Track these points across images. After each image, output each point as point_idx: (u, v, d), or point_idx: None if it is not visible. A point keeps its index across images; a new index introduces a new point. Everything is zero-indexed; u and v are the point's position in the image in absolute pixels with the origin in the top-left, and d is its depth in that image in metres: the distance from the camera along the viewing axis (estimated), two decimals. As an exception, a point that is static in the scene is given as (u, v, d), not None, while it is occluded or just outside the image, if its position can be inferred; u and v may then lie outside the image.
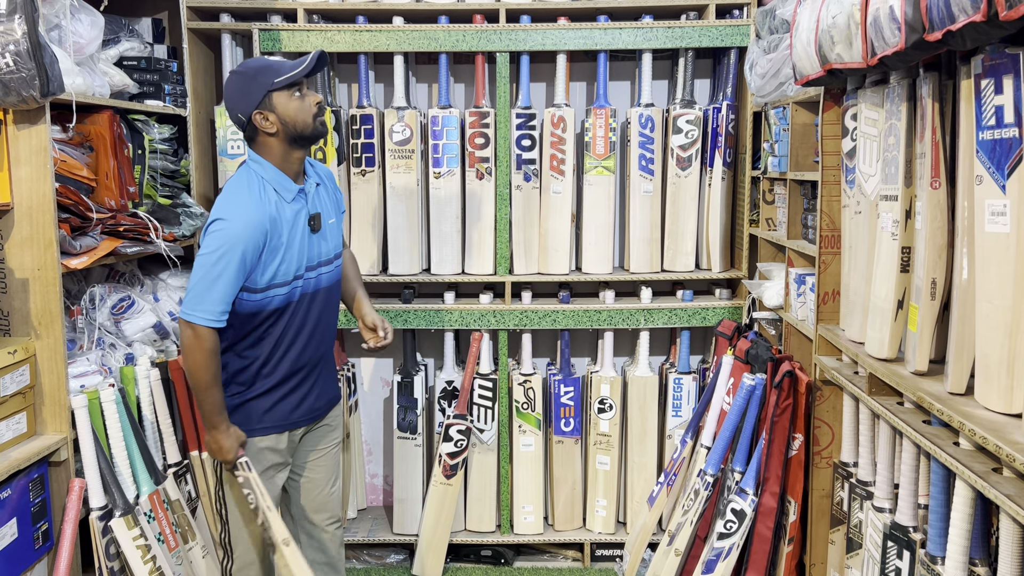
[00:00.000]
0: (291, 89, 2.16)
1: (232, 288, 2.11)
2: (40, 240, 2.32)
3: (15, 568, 2.20)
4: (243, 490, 2.22)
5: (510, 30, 3.31)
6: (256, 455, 2.29)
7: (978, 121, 1.60)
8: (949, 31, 1.48)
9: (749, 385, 2.73)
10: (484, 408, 3.48)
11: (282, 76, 2.14)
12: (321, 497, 2.49)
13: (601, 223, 3.47)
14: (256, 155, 2.22)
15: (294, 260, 2.21)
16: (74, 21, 2.58)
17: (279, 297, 2.21)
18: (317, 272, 2.30)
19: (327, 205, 2.36)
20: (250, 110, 2.16)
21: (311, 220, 2.25)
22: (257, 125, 2.17)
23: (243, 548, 2.33)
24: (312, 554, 2.49)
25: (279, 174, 2.20)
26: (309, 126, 2.19)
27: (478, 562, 3.54)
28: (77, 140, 2.69)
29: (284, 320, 2.24)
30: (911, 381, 1.88)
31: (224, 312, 2.11)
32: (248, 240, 2.09)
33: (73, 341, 2.66)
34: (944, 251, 1.81)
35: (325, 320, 2.36)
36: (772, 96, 2.92)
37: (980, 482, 1.53)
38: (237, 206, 2.13)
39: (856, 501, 2.22)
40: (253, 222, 2.10)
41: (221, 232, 2.09)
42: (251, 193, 2.15)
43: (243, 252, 2.09)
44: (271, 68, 2.16)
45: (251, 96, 2.15)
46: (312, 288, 2.29)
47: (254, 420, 2.28)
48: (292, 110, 2.16)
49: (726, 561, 2.63)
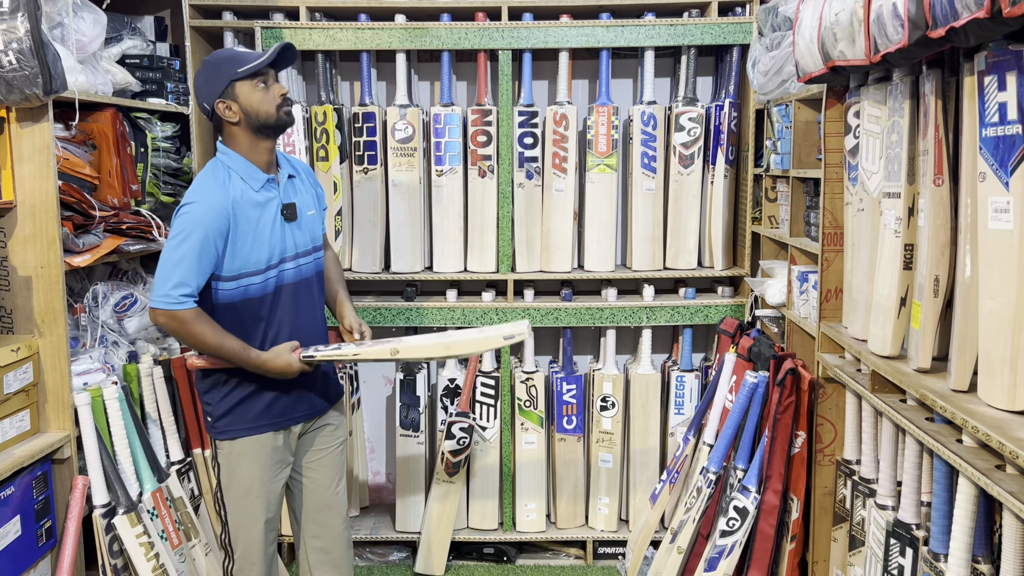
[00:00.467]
0: (254, 79, 2.19)
1: (194, 270, 2.10)
2: (43, 238, 2.32)
3: (19, 565, 2.21)
4: (334, 362, 2.26)
5: (512, 28, 3.31)
6: (256, 453, 2.29)
7: (981, 118, 1.60)
8: (952, 28, 1.47)
9: (752, 383, 2.73)
10: (486, 406, 3.48)
11: (245, 66, 2.17)
12: (326, 497, 2.47)
13: (603, 221, 3.47)
14: (224, 147, 2.25)
15: (265, 248, 2.21)
16: (77, 19, 2.58)
17: (254, 287, 2.20)
18: (296, 263, 2.29)
19: (304, 197, 2.36)
20: (213, 98, 2.19)
21: (284, 209, 2.26)
22: (220, 114, 2.20)
23: (243, 549, 2.32)
24: (316, 555, 2.48)
25: (246, 163, 2.22)
26: (272, 116, 2.20)
27: (481, 560, 3.55)
28: (80, 138, 2.69)
29: (265, 312, 2.24)
30: (914, 378, 1.88)
31: (186, 296, 2.10)
32: (209, 223, 2.10)
33: (76, 339, 2.67)
34: (947, 248, 1.81)
35: (310, 313, 2.35)
36: (775, 93, 2.91)
37: (983, 479, 1.52)
38: (199, 192, 2.15)
39: (859, 498, 2.22)
40: (214, 205, 2.12)
41: (183, 216, 2.12)
42: (215, 180, 2.18)
43: (204, 235, 2.09)
44: (236, 58, 2.20)
45: (214, 85, 2.18)
46: (292, 279, 2.28)
47: (250, 418, 2.27)
48: (255, 100, 2.18)
49: (728, 559, 2.63)
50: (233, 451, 2.27)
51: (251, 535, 2.31)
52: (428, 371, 3.60)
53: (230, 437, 2.27)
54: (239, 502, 2.30)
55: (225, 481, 2.30)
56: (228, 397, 2.26)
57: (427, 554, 3.41)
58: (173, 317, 2.09)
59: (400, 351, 2.26)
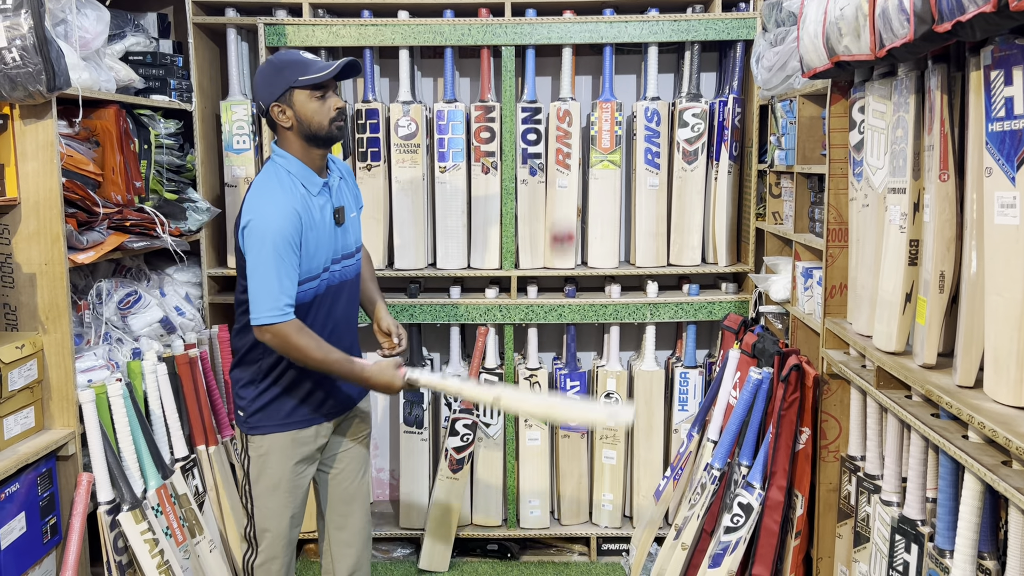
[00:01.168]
0: (314, 90, 2.17)
1: (288, 278, 2.10)
2: (47, 235, 2.33)
3: (24, 562, 2.21)
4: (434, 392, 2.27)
5: (515, 24, 3.30)
6: (286, 450, 2.29)
7: (987, 113, 1.59)
8: (959, 22, 1.47)
9: (756, 379, 2.72)
10: (490, 402, 3.48)
11: (307, 75, 2.15)
12: (352, 488, 2.50)
13: (607, 217, 3.47)
14: (280, 149, 2.24)
15: (323, 253, 2.23)
16: (80, 16, 2.58)
17: (309, 291, 2.22)
18: (342, 265, 2.32)
19: (348, 199, 2.38)
20: (269, 101, 2.18)
21: (336, 213, 2.28)
22: (274, 117, 2.19)
23: (268, 542, 2.33)
24: (339, 548, 2.51)
25: (303, 167, 2.21)
26: (324, 129, 2.19)
27: (484, 556, 3.55)
28: (83, 135, 2.69)
29: (313, 312, 2.25)
30: (919, 374, 1.87)
31: (288, 305, 2.10)
32: (286, 230, 2.10)
33: (80, 336, 2.67)
34: (952, 244, 1.80)
35: (349, 312, 2.38)
36: (779, 89, 2.91)
37: (989, 475, 1.52)
38: (268, 201, 2.13)
39: (864, 495, 2.21)
40: (286, 212, 2.11)
41: (261, 228, 2.09)
42: (281, 186, 2.16)
43: (285, 241, 2.09)
44: (300, 64, 2.17)
45: (273, 87, 2.17)
46: (337, 280, 2.31)
47: (283, 415, 2.28)
48: (310, 110, 2.17)
49: (733, 555, 2.63)
50: (264, 447, 2.29)
51: (277, 529, 2.33)
52: (432, 368, 3.60)
53: (262, 433, 2.28)
54: (267, 497, 2.31)
55: (254, 475, 2.31)
56: (263, 395, 2.27)
57: (431, 551, 3.41)
58: (277, 332, 2.10)
59: (502, 399, 2.27)
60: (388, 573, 3.43)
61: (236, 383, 2.32)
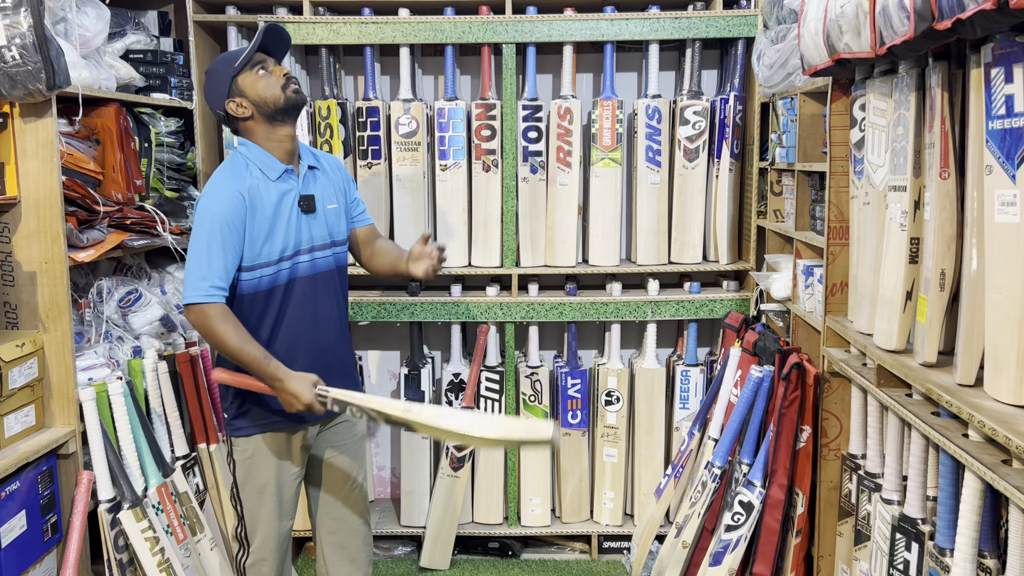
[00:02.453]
0: (254, 69, 2.20)
1: (221, 260, 2.10)
2: (47, 233, 2.33)
3: (25, 560, 2.22)
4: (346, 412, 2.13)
5: (516, 21, 3.29)
6: (270, 452, 2.29)
7: (988, 110, 1.59)
8: (959, 19, 1.46)
9: (757, 377, 2.72)
10: (491, 400, 3.48)
11: (239, 59, 2.19)
12: (343, 493, 2.48)
13: (608, 215, 3.46)
14: (243, 140, 2.27)
15: (279, 240, 2.20)
16: (80, 14, 2.58)
17: (266, 278, 2.20)
18: (311, 256, 2.28)
19: (326, 189, 2.35)
20: (223, 101, 2.21)
21: (302, 200, 2.25)
22: (233, 113, 2.21)
23: (259, 542, 2.33)
24: (332, 550, 2.49)
25: (263, 154, 2.23)
26: (280, 98, 2.21)
27: (485, 554, 3.55)
28: (84, 133, 2.69)
29: (273, 305, 2.22)
30: (920, 373, 1.87)
31: (216, 287, 2.09)
32: (226, 212, 2.11)
33: (81, 334, 2.67)
34: (953, 242, 1.80)
35: (327, 309, 2.32)
36: (780, 87, 2.90)
37: (989, 474, 1.52)
38: (215, 184, 2.17)
39: (864, 493, 2.21)
40: (230, 193, 2.13)
41: (201, 208, 2.14)
42: (232, 170, 2.19)
43: (223, 223, 2.10)
44: (230, 57, 2.23)
45: (219, 88, 2.21)
46: (305, 272, 2.26)
47: (265, 415, 2.27)
48: (260, 88, 2.20)
49: (734, 553, 2.63)
50: (248, 448, 2.28)
51: (266, 531, 2.33)
52: (432, 366, 3.60)
53: (245, 435, 2.28)
54: (254, 499, 2.31)
55: (241, 478, 2.32)
56: (245, 396, 2.26)
57: (432, 548, 3.42)
58: (201, 312, 2.08)
59: (411, 413, 2.08)
60: (389, 571, 3.43)
61: (221, 387, 2.32)
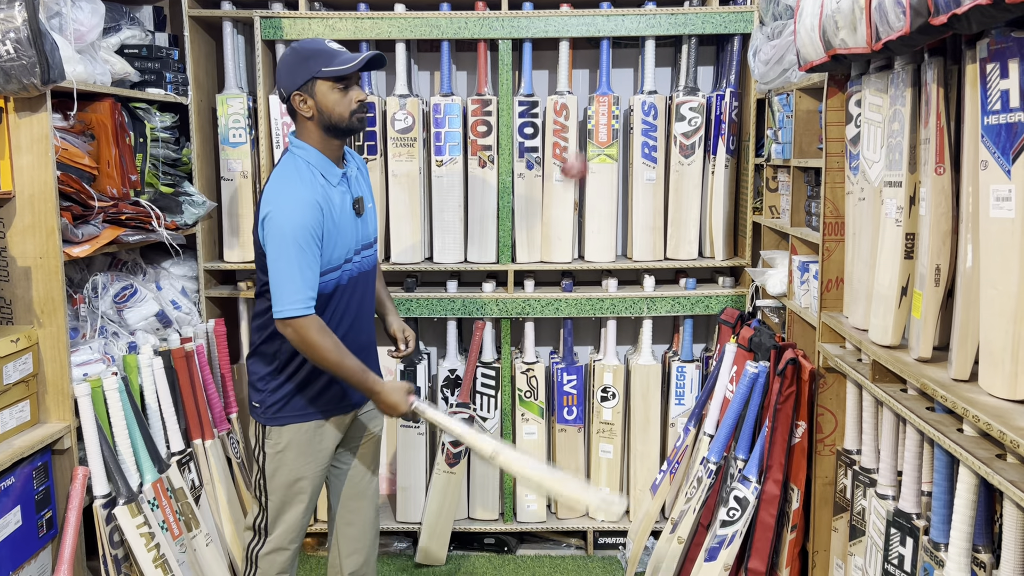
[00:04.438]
0: (337, 81, 2.16)
1: (310, 271, 2.09)
2: (42, 228, 2.32)
3: (19, 556, 2.21)
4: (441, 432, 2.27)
5: (512, 17, 3.29)
6: (304, 442, 2.30)
7: (983, 106, 1.59)
8: (955, 15, 1.46)
9: (752, 373, 2.73)
10: (487, 397, 3.48)
11: (331, 67, 2.14)
12: (362, 484, 2.51)
13: (604, 211, 3.46)
14: (298, 140, 2.23)
15: (344, 243, 2.22)
16: (74, 8, 2.57)
17: (331, 282, 2.22)
18: (362, 255, 2.32)
19: (365, 190, 2.38)
20: (291, 89, 2.17)
21: (355, 203, 2.27)
22: (295, 106, 2.18)
23: (281, 532, 2.34)
24: (348, 542, 2.51)
25: (322, 158, 2.21)
26: (344, 120, 2.18)
27: (481, 550, 3.55)
28: (78, 128, 2.68)
29: (335, 301, 2.25)
30: (915, 368, 1.87)
31: (310, 298, 2.09)
32: (309, 222, 2.08)
33: (76, 329, 2.66)
34: (948, 237, 1.80)
35: (368, 301, 2.38)
36: (776, 83, 2.90)
37: (984, 468, 1.52)
38: (287, 193, 2.12)
39: (859, 488, 2.22)
40: (308, 202, 2.10)
41: (281, 220, 2.08)
42: (300, 178, 2.15)
43: (308, 234, 2.08)
44: (325, 55, 2.15)
45: (296, 76, 2.16)
46: (357, 271, 2.30)
47: (301, 405, 2.29)
48: (331, 101, 2.16)
49: (729, 548, 2.63)
50: (282, 438, 2.29)
51: (290, 522, 2.34)
52: (428, 362, 3.60)
53: (280, 424, 2.28)
54: (284, 489, 2.31)
55: (270, 468, 2.31)
56: (283, 386, 2.27)
57: (428, 544, 3.42)
58: (300, 325, 2.08)
59: (499, 457, 2.26)
60: (385, 566, 3.43)
61: (254, 374, 2.32)
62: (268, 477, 2.31)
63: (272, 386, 2.28)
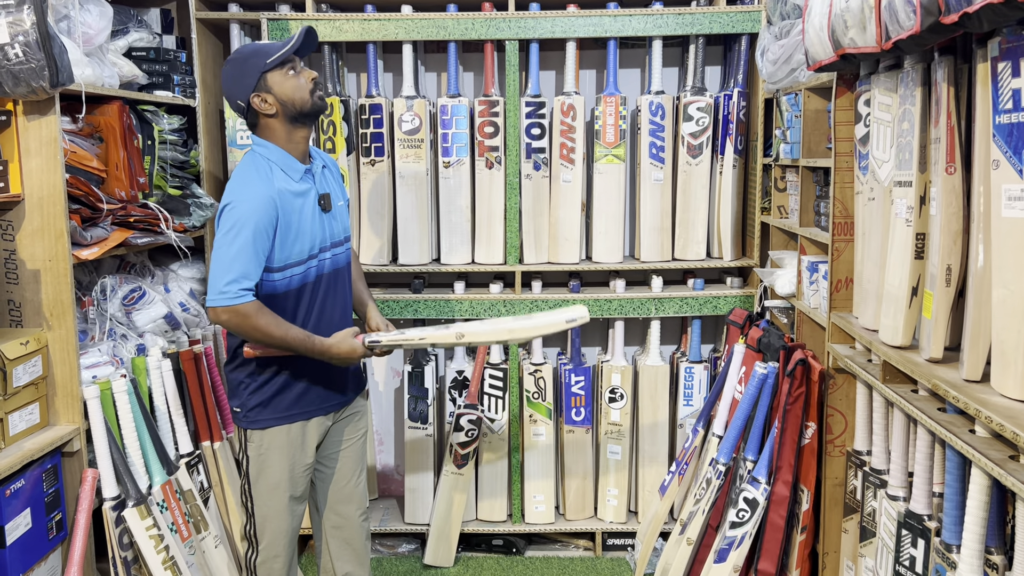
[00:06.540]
0: (284, 67, 2.19)
1: (251, 264, 2.10)
2: (51, 231, 2.32)
3: (30, 557, 2.22)
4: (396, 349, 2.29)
5: (519, 18, 3.29)
6: (286, 445, 2.29)
7: (995, 105, 1.58)
8: (966, 13, 1.45)
9: (761, 374, 2.72)
10: (495, 398, 3.48)
11: (273, 56, 2.17)
12: (348, 488, 2.49)
13: (611, 212, 3.46)
14: (260, 139, 2.25)
15: (307, 239, 2.22)
16: (83, 11, 2.58)
17: (296, 277, 2.22)
18: (332, 252, 2.32)
19: (335, 187, 2.39)
20: (247, 94, 2.19)
21: (321, 199, 2.28)
22: (256, 108, 2.20)
23: (269, 540, 2.33)
24: (338, 545, 2.50)
25: (284, 155, 2.22)
26: (308, 102, 2.21)
27: (489, 551, 3.55)
28: (87, 131, 2.69)
29: (304, 301, 2.25)
30: (926, 368, 1.86)
31: (245, 289, 2.09)
32: (259, 216, 2.10)
33: (85, 332, 2.67)
34: (959, 237, 1.79)
35: (342, 302, 2.38)
36: (784, 82, 2.89)
37: (996, 470, 1.51)
38: (244, 186, 2.15)
39: (870, 489, 2.20)
40: (262, 197, 2.12)
41: (232, 212, 2.11)
42: (258, 173, 2.17)
43: (255, 227, 2.09)
44: (262, 51, 2.20)
45: (246, 80, 2.18)
46: (328, 269, 2.31)
47: (283, 407, 2.28)
48: (290, 88, 2.19)
49: (738, 550, 2.62)
50: (264, 442, 2.29)
51: (277, 527, 2.33)
52: (436, 363, 3.60)
53: (261, 427, 2.28)
54: (267, 494, 2.31)
55: (254, 473, 2.31)
56: (263, 388, 2.27)
57: (436, 546, 3.42)
58: (236, 313, 2.08)
59: (465, 335, 2.26)
60: (393, 568, 3.43)
61: (233, 380, 2.33)
62: (252, 481, 2.31)
63: (252, 388, 2.28)
